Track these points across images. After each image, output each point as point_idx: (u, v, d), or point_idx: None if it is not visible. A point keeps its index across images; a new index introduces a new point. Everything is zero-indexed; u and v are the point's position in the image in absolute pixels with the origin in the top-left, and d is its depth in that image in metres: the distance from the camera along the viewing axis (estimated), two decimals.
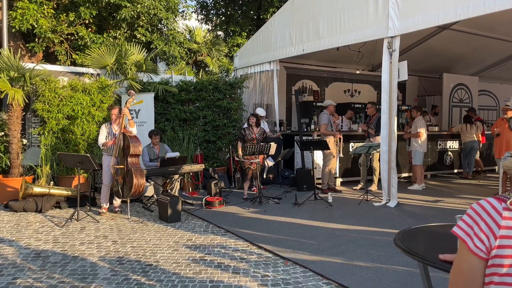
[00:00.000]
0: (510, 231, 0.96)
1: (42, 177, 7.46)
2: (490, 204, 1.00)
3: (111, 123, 6.60)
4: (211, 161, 9.28)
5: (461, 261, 1.02)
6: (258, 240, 5.15)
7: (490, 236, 0.97)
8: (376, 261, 4.41)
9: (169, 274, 4.08)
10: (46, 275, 4.01)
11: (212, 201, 7.11)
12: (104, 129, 6.56)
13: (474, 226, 0.99)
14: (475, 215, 1.00)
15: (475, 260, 0.99)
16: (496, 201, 1.00)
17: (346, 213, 6.56)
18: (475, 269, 0.99)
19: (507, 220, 0.97)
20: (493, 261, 0.97)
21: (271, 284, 3.85)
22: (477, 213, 1.00)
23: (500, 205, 0.99)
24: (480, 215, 0.99)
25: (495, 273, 0.96)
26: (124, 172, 6.25)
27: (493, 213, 0.98)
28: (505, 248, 0.95)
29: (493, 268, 0.97)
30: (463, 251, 1.01)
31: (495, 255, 0.96)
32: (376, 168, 8.18)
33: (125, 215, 6.49)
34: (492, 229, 0.97)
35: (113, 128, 6.56)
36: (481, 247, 0.98)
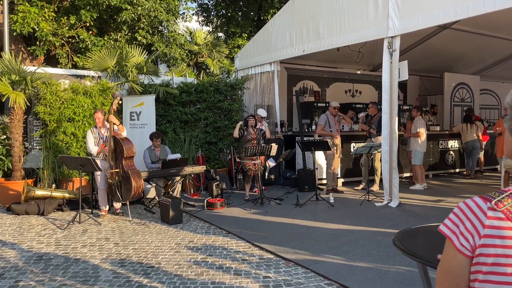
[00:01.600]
0: (494, 231, 0.97)
1: (44, 180, 7.48)
2: (476, 204, 1.02)
3: (97, 127, 6.56)
4: (212, 163, 9.28)
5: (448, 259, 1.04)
6: (259, 241, 5.15)
7: (474, 235, 0.99)
8: (378, 261, 4.41)
9: (171, 275, 4.08)
10: (48, 278, 4.02)
11: (213, 202, 7.11)
12: (90, 134, 6.49)
13: (460, 225, 1.01)
14: (461, 214, 1.03)
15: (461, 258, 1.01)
16: (482, 200, 1.02)
17: (348, 214, 6.55)
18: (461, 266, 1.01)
19: (491, 220, 0.98)
20: (478, 259, 0.98)
21: (273, 285, 3.85)
22: (463, 212, 1.02)
23: (486, 205, 1.00)
24: (466, 214, 1.02)
25: (479, 271, 0.98)
26: (121, 175, 6.24)
27: (478, 212, 1.00)
28: (488, 247, 0.97)
29: (478, 266, 0.98)
30: (450, 249, 1.03)
31: (479, 253, 0.98)
32: (377, 168, 8.17)
33: (126, 217, 6.50)
34: (476, 228, 0.99)
35: (100, 132, 6.53)
36: (466, 245, 1.00)
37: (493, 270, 0.97)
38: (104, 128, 6.51)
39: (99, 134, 6.50)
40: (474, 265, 1.00)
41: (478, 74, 12.67)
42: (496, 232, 0.98)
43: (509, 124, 1.06)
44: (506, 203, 0.99)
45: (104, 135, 6.47)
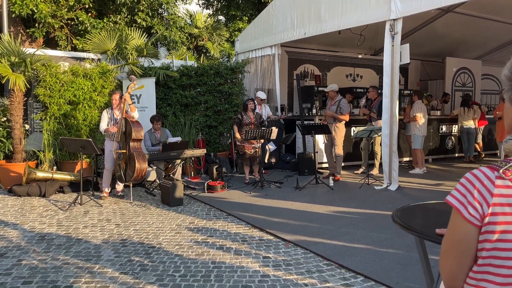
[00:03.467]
0: (503, 199, 0.98)
1: (45, 162, 7.51)
2: (483, 173, 1.02)
3: (112, 108, 6.60)
4: (212, 146, 9.30)
5: (456, 229, 1.04)
6: (259, 223, 5.19)
7: (483, 204, 0.99)
8: (377, 243, 4.45)
9: (172, 255, 4.14)
10: (50, 256, 4.07)
11: (214, 185, 7.15)
12: (105, 114, 6.57)
13: (468, 195, 1.01)
14: (468, 184, 1.02)
15: (470, 228, 1.01)
16: (489, 170, 1.02)
17: (347, 197, 6.60)
18: (470, 236, 1.01)
19: (499, 188, 0.98)
20: (486, 228, 0.99)
21: (272, 265, 3.90)
22: (471, 182, 1.02)
23: (493, 174, 1.01)
24: (473, 184, 1.01)
25: (487, 240, 0.99)
26: (127, 156, 6.28)
27: (486, 181, 1.00)
28: (497, 215, 0.98)
29: (486, 234, 0.99)
30: (457, 220, 1.03)
31: (488, 222, 0.98)
32: (377, 152, 8.19)
33: (127, 199, 6.54)
34: (485, 197, 0.99)
35: (114, 114, 6.56)
36: (475, 214, 1.00)
37: (501, 238, 0.98)
38: (118, 111, 6.52)
39: (113, 115, 6.53)
40: (482, 234, 1.01)
41: (480, 59, 12.58)
42: (505, 200, 0.98)
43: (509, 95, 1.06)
44: None
45: (118, 117, 6.48)
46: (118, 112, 6.51)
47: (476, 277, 1.02)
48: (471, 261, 1.03)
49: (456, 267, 1.05)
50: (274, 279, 3.58)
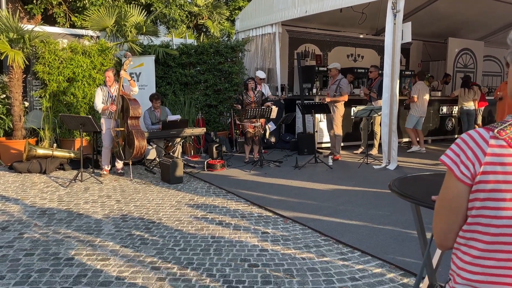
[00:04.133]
0: (495, 158, 0.99)
1: (45, 139, 7.52)
2: (478, 133, 1.03)
3: (107, 85, 6.53)
4: (212, 125, 9.30)
5: (448, 188, 1.06)
6: (258, 201, 5.24)
7: (475, 163, 1.00)
8: (374, 220, 4.51)
9: (172, 230, 4.19)
10: (52, 230, 4.13)
11: (213, 164, 7.18)
12: (99, 92, 6.49)
13: (461, 154, 1.03)
14: (462, 144, 1.04)
15: (461, 186, 1.03)
16: (484, 130, 1.03)
17: (346, 176, 6.64)
18: (460, 195, 1.03)
19: (493, 148, 0.99)
20: (477, 187, 1.00)
21: (271, 240, 3.96)
22: (465, 142, 1.04)
23: (488, 134, 1.02)
24: (468, 143, 1.03)
25: (477, 198, 1.01)
26: (125, 134, 6.29)
27: (480, 141, 1.01)
28: (488, 174, 0.99)
29: (476, 193, 1.01)
30: (450, 179, 1.05)
31: (479, 180, 1.00)
32: (377, 132, 8.19)
33: (127, 177, 6.58)
34: (478, 156, 1.00)
35: (109, 91, 6.51)
36: (466, 173, 1.01)
37: (491, 197, 0.99)
38: (114, 87, 6.48)
39: (109, 93, 6.48)
40: (473, 192, 1.02)
41: (482, 40, 12.46)
42: (497, 159, 0.99)
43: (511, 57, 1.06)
44: (508, 131, 1.00)
45: (114, 94, 6.45)
46: (113, 89, 6.47)
47: (465, 235, 1.04)
48: (461, 220, 1.05)
49: (447, 226, 1.07)
50: (272, 253, 3.64)
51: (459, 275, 1.06)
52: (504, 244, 0.99)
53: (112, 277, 3.12)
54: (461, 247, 1.06)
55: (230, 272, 3.26)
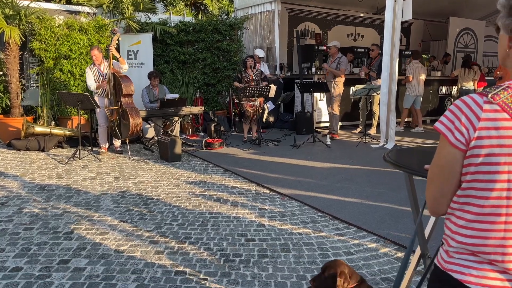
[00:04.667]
0: (489, 123, 0.99)
1: (42, 117, 7.51)
2: (472, 99, 1.03)
3: (95, 64, 6.47)
4: (211, 105, 9.27)
5: (441, 155, 1.07)
6: (256, 179, 5.27)
7: (469, 129, 1.00)
8: (371, 197, 4.55)
9: (170, 206, 4.23)
10: (51, 205, 4.16)
11: (212, 142, 7.19)
12: (89, 72, 6.42)
13: (455, 121, 1.03)
14: (457, 110, 1.04)
15: (455, 152, 1.03)
16: (478, 95, 1.03)
17: (344, 154, 6.66)
18: (455, 161, 1.04)
19: (487, 113, 1.00)
20: (471, 152, 1.01)
21: (268, 216, 4.00)
22: (459, 108, 1.03)
23: (482, 99, 1.01)
24: (462, 109, 1.03)
25: (472, 164, 1.01)
26: (120, 112, 6.27)
27: (474, 106, 1.01)
28: (483, 139, 0.99)
29: (471, 158, 1.01)
30: (444, 145, 1.06)
31: (474, 146, 1.00)
32: (375, 112, 8.19)
33: (126, 155, 6.59)
34: (472, 121, 1.00)
35: (99, 69, 6.45)
36: (461, 139, 1.01)
37: (485, 161, 1.00)
38: (103, 65, 6.43)
39: (99, 71, 6.43)
40: (467, 158, 1.03)
41: (484, 19, 12.32)
42: (492, 124, 1.00)
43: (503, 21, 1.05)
44: (502, 96, 1.00)
45: (104, 72, 6.40)
46: (103, 66, 6.42)
47: (459, 200, 1.06)
48: (455, 186, 1.06)
49: (440, 192, 1.09)
50: (269, 228, 3.69)
51: (453, 239, 1.07)
52: (498, 207, 1.00)
53: (111, 250, 3.16)
54: (455, 212, 1.07)
55: (227, 246, 3.30)
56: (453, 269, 1.06)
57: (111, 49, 6.10)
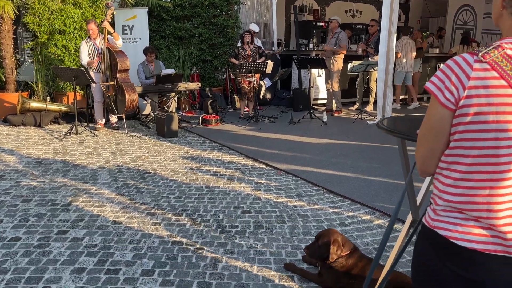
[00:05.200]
0: (478, 81, 1.00)
1: (38, 93, 7.45)
2: (463, 58, 1.03)
3: (91, 38, 6.41)
4: (207, 81, 9.21)
5: (431, 115, 1.08)
6: (253, 154, 5.30)
7: (459, 88, 1.01)
8: (366, 172, 4.59)
9: (167, 180, 4.26)
10: (48, 179, 4.18)
11: (208, 119, 7.18)
12: (84, 45, 6.38)
13: (446, 80, 1.04)
14: (447, 70, 1.04)
15: (444, 112, 1.05)
16: (469, 55, 1.04)
17: (340, 131, 6.68)
18: (444, 120, 1.05)
19: (477, 72, 1.01)
20: (460, 111, 1.02)
21: (264, 189, 4.04)
22: (450, 67, 1.04)
23: (472, 58, 1.02)
24: (453, 69, 1.03)
25: (460, 123, 1.03)
26: (116, 88, 6.24)
27: (464, 66, 1.02)
28: (472, 97, 1.01)
29: (460, 118, 1.03)
30: (434, 105, 1.07)
31: (463, 105, 1.02)
32: (372, 89, 8.17)
33: (122, 130, 6.59)
34: (462, 81, 1.01)
35: (95, 44, 6.39)
36: (450, 98, 1.03)
37: (474, 120, 1.01)
38: (99, 40, 6.36)
39: (94, 46, 6.37)
40: (456, 117, 1.04)
41: None
42: (481, 83, 1.00)
43: None
44: (492, 55, 1.00)
45: (99, 47, 6.33)
46: (99, 41, 6.35)
47: (447, 160, 1.08)
48: (443, 145, 1.08)
49: (429, 151, 1.11)
50: (265, 201, 3.73)
51: (440, 197, 1.10)
52: (485, 165, 1.02)
53: (109, 222, 3.20)
54: (443, 171, 1.09)
55: (223, 217, 3.35)
56: (440, 226, 1.09)
57: (106, 23, 6.02)
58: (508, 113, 0.99)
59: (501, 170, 1.02)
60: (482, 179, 1.03)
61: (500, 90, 0.99)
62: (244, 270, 2.55)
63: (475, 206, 1.04)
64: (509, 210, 1.03)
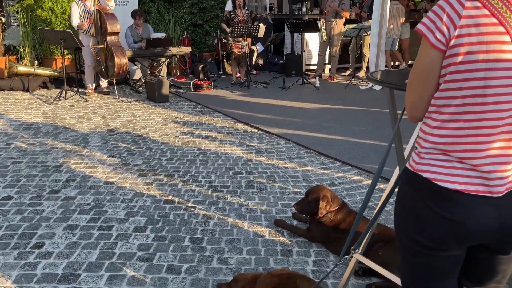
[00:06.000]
0: (469, 20, 0.99)
1: (25, 57, 7.29)
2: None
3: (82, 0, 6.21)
4: (198, 46, 9.07)
5: (421, 56, 1.08)
6: (244, 119, 5.29)
7: (450, 27, 1.01)
8: (356, 135, 4.63)
9: (158, 143, 4.26)
10: (39, 142, 4.16)
11: (200, 84, 7.11)
12: (75, 7, 6.18)
13: (437, 20, 1.03)
14: (439, 10, 1.03)
15: (435, 53, 1.04)
16: None
17: (332, 96, 6.67)
18: (434, 62, 1.05)
19: (468, 10, 1.00)
20: (451, 51, 1.02)
21: (255, 152, 4.07)
22: (441, 7, 1.03)
23: None
24: (444, 9, 1.02)
25: (451, 63, 1.02)
26: (105, 51, 6.12)
27: (456, 5, 1.01)
28: (463, 37, 1.00)
29: (450, 58, 1.02)
30: (424, 47, 1.06)
31: (453, 45, 1.01)
32: (365, 54, 8.10)
33: (113, 95, 6.51)
34: (453, 20, 1.00)
35: (85, 5, 6.21)
36: (441, 39, 1.02)
37: (464, 60, 1.00)
38: (90, 1, 6.17)
39: (85, 7, 6.19)
40: (446, 58, 1.03)
41: None
42: (472, 21, 0.99)
43: None
44: None
45: (90, 9, 6.16)
46: (89, 2, 6.17)
47: (436, 103, 1.08)
48: (433, 88, 1.08)
49: (419, 95, 1.11)
50: (256, 163, 3.76)
51: (426, 140, 1.11)
52: (472, 105, 1.03)
53: (101, 182, 3.22)
54: (432, 115, 1.10)
55: (215, 178, 3.38)
56: (423, 169, 1.10)
57: None
58: (498, 51, 0.99)
59: (488, 110, 1.03)
60: (469, 119, 1.04)
61: (491, 28, 0.99)
62: (235, 227, 2.61)
63: (461, 147, 1.06)
64: (492, 150, 1.05)
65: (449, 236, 1.09)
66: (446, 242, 1.10)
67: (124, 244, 2.37)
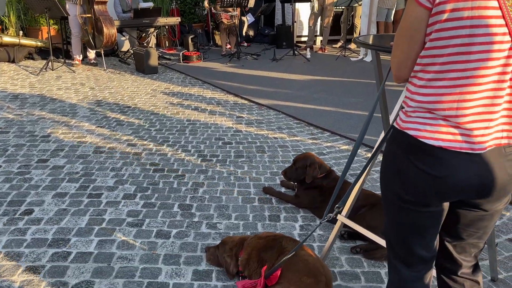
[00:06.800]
0: None
1: (10, 27, 7.11)
2: None
3: None
4: (188, 17, 8.89)
5: (408, 15, 1.08)
6: (234, 90, 5.27)
7: None
8: (346, 106, 4.64)
9: (147, 114, 4.24)
10: (26, 112, 4.12)
11: (189, 55, 7.03)
12: None
13: None
14: None
15: (421, 11, 1.05)
16: None
17: (323, 67, 6.64)
18: (420, 20, 1.05)
19: None
20: (437, 9, 1.02)
21: (245, 123, 4.07)
22: None
23: None
24: None
25: (437, 21, 1.03)
26: (93, 21, 5.98)
27: None
28: None
29: (436, 16, 1.03)
30: (411, 5, 1.07)
31: (439, 2, 1.01)
32: (357, 26, 8.04)
33: (101, 67, 6.41)
34: None
35: None
36: None
37: (450, 17, 1.01)
38: None
39: None
40: (432, 16, 1.04)
41: None
42: None
43: None
44: None
45: None
46: None
47: (422, 62, 1.09)
48: (418, 47, 1.09)
49: (405, 54, 1.11)
50: (246, 133, 3.77)
51: (412, 99, 1.12)
52: (457, 63, 1.04)
53: (90, 151, 3.22)
54: (418, 74, 1.11)
55: (204, 148, 3.39)
56: (409, 127, 1.12)
57: None
58: (483, 7, 0.99)
59: (472, 68, 1.04)
60: (454, 77, 1.05)
61: None
62: (224, 194, 2.64)
63: (445, 105, 1.07)
64: (476, 108, 1.06)
65: (431, 191, 1.12)
66: (428, 197, 1.13)
67: (114, 210, 2.39)
